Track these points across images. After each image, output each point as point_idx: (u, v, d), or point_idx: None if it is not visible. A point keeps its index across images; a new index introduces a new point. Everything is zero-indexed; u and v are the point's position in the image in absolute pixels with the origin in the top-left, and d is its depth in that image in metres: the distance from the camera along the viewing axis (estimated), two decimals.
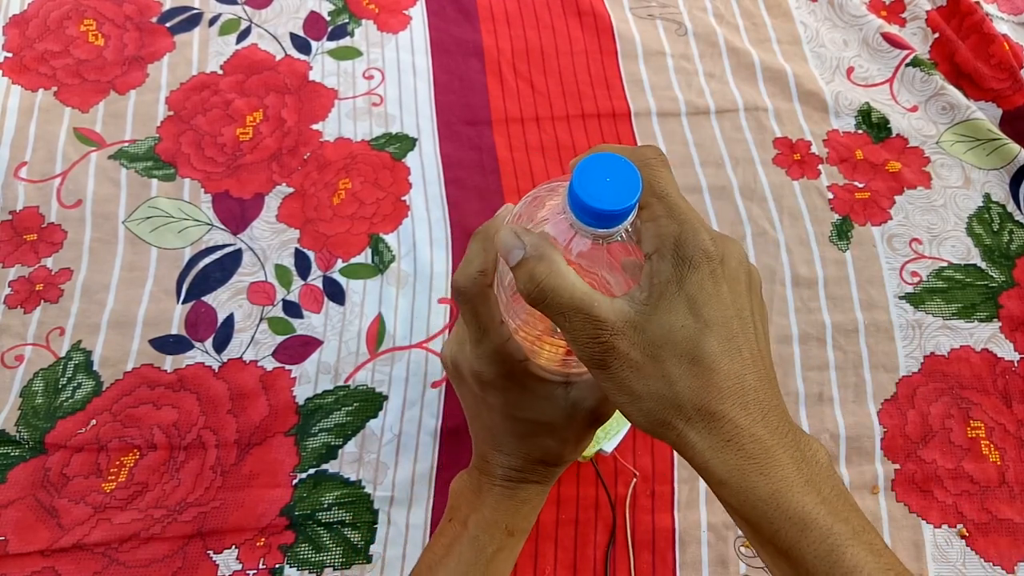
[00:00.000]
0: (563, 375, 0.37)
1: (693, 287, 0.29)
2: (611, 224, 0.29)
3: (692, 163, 0.63)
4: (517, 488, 0.39)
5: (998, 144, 0.63)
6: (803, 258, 0.59)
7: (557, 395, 0.37)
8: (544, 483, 0.40)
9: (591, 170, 0.29)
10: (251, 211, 0.61)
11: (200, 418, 0.52)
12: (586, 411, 0.37)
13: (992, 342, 0.56)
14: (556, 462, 0.39)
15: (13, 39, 0.68)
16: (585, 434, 0.39)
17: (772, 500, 0.28)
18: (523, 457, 0.39)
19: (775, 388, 0.30)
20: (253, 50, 0.68)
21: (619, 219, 0.29)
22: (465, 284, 0.35)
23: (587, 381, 0.37)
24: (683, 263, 0.29)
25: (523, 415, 0.37)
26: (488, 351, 0.36)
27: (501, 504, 0.39)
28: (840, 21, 0.72)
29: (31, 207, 0.60)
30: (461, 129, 0.65)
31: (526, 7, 0.72)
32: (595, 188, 0.29)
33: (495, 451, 0.39)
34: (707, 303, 0.29)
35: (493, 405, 0.38)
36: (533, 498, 0.40)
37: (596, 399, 0.37)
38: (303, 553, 0.49)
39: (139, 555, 0.48)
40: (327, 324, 0.56)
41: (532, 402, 0.37)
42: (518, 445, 0.39)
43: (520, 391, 0.37)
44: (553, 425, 0.37)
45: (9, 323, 0.56)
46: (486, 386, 0.37)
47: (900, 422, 0.53)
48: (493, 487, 0.39)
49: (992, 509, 0.50)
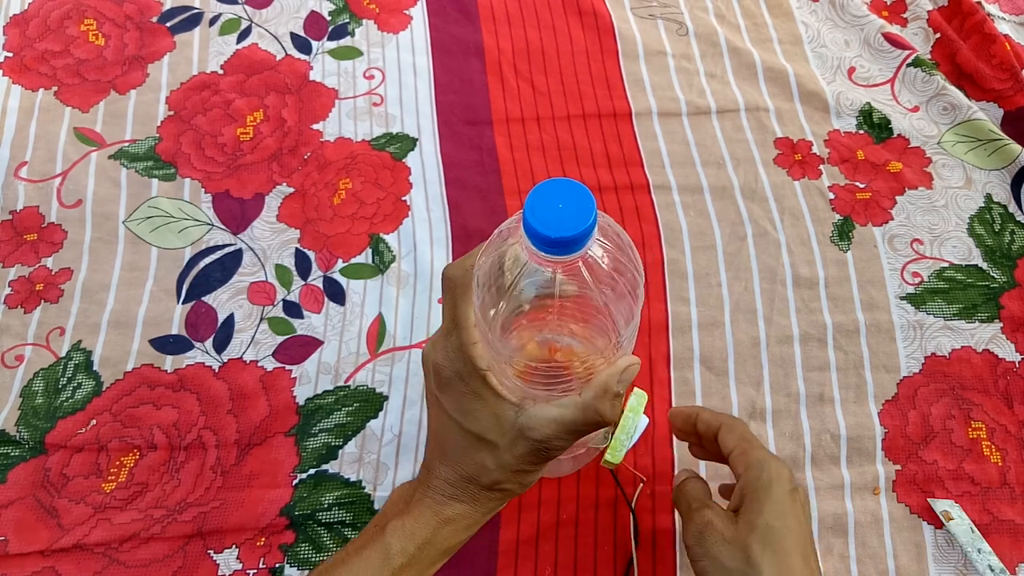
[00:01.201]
0: (518, 398, 0.36)
1: (782, 495, 0.39)
2: (568, 249, 0.29)
3: (693, 163, 0.63)
4: (445, 504, 0.38)
5: (999, 144, 0.63)
6: (804, 258, 0.59)
7: (506, 415, 0.36)
8: (474, 505, 0.38)
9: (543, 196, 0.28)
10: (251, 211, 0.60)
11: (200, 418, 0.52)
12: (530, 441, 0.36)
13: (993, 343, 0.56)
14: (490, 485, 0.38)
15: (13, 39, 0.68)
16: (525, 464, 0.37)
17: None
18: (459, 471, 0.38)
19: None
20: (253, 50, 0.68)
21: (574, 244, 0.28)
22: (453, 273, 0.36)
23: (539, 411, 0.36)
24: (772, 477, 0.39)
25: (469, 426, 0.37)
26: (454, 346, 0.36)
27: (423, 516, 0.38)
28: (841, 21, 0.72)
29: (31, 207, 0.60)
30: (462, 129, 0.65)
31: (527, 7, 0.72)
32: (546, 214, 0.28)
33: (438, 461, 0.39)
34: (792, 511, 0.38)
35: (444, 408, 0.37)
36: (458, 520, 0.38)
37: (543, 434, 0.36)
38: (303, 553, 0.49)
39: (139, 555, 0.48)
40: (327, 324, 0.56)
41: (480, 414, 0.36)
42: (458, 457, 0.38)
43: (472, 399, 0.36)
44: (495, 445, 0.37)
45: (9, 323, 0.56)
46: (443, 385, 0.37)
47: (901, 423, 0.53)
48: (424, 498, 0.38)
49: (993, 510, 0.50)
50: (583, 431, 0.36)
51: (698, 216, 0.61)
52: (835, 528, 0.50)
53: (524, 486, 0.39)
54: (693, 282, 0.58)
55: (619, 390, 0.35)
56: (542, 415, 0.36)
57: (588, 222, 0.28)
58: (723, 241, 0.60)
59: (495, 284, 0.34)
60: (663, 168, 0.63)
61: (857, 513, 0.50)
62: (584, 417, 0.35)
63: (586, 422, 0.35)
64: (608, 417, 0.35)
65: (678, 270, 0.59)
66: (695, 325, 0.56)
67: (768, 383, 0.54)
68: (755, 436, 0.43)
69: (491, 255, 0.34)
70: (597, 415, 0.35)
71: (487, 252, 0.34)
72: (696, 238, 0.60)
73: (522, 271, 0.32)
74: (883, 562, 0.49)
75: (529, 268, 0.31)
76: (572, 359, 0.38)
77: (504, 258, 0.33)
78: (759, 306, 0.57)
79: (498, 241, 0.34)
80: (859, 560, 0.49)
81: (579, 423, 0.35)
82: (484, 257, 0.34)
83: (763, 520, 0.38)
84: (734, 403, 0.54)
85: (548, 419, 0.36)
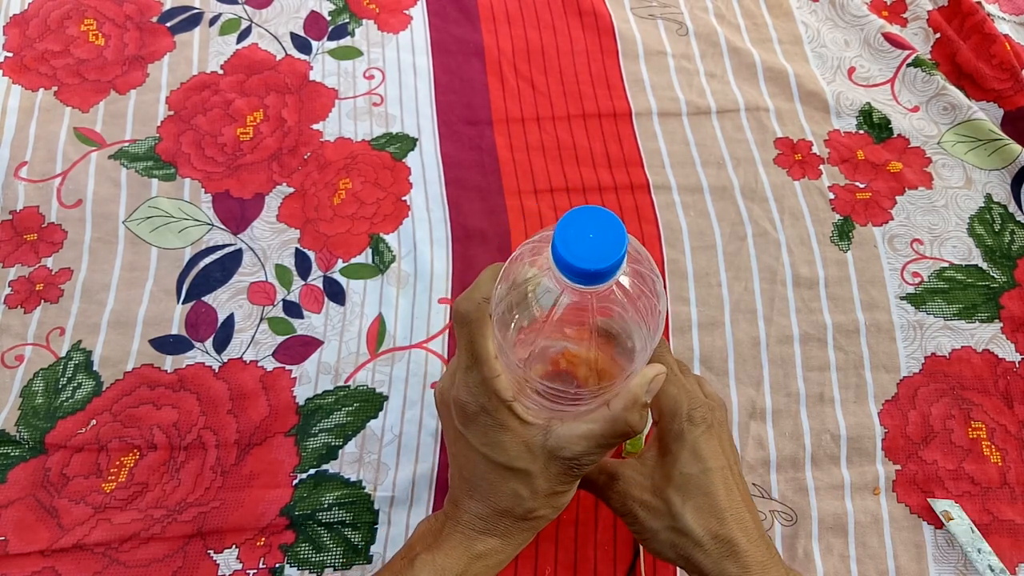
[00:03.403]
0: (544, 420, 0.36)
1: (694, 441, 0.39)
2: (602, 280, 0.29)
3: (693, 163, 0.63)
4: (476, 539, 0.37)
5: (999, 144, 0.63)
6: (804, 258, 0.59)
7: (535, 441, 0.36)
8: (506, 539, 0.38)
9: (573, 226, 0.29)
10: (251, 211, 0.60)
11: (200, 418, 0.52)
12: (561, 461, 0.36)
13: (993, 343, 0.56)
14: (524, 515, 0.37)
15: (13, 39, 0.68)
16: (559, 487, 0.37)
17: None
18: (491, 506, 0.37)
19: (759, 519, 0.40)
20: (253, 50, 0.68)
21: (609, 274, 0.29)
22: (467, 308, 0.35)
23: (568, 430, 0.36)
24: (683, 423, 0.39)
25: (498, 458, 0.36)
26: (476, 381, 0.35)
27: (454, 552, 0.37)
28: (841, 21, 0.72)
29: (31, 207, 0.60)
30: (462, 129, 0.65)
31: (527, 7, 0.72)
32: (578, 246, 0.28)
33: (466, 496, 0.38)
34: (706, 453, 0.39)
35: (471, 444, 0.37)
36: (490, 555, 0.38)
37: (574, 451, 0.36)
38: (303, 553, 0.49)
39: (139, 555, 0.48)
40: (327, 324, 0.56)
41: (509, 445, 0.36)
42: (488, 491, 0.37)
43: (499, 431, 0.36)
44: (527, 472, 0.36)
45: (9, 323, 0.56)
46: (468, 420, 0.36)
47: (901, 423, 0.53)
48: (454, 533, 0.38)
49: (993, 510, 0.50)
50: (613, 444, 0.36)
51: (698, 216, 0.61)
52: (835, 528, 0.50)
53: (557, 509, 0.39)
54: (693, 282, 0.58)
55: (647, 400, 0.35)
56: (572, 433, 0.36)
57: (620, 253, 0.28)
58: (723, 241, 0.60)
59: (521, 313, 0.34)
60: (663, 168, 0.63)
61: (857, 513, 0.50)
62: (614, 429, 0.35)
63: (616, 434, 0.35)
64: (637, 428, 0.35)
65: (678, 270, 0.59)
66: (695, 325, 0.56)
67: (768, 383, 0.54)
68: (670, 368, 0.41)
69: (511, 284, 0.34)
70: (627, 426, 0.35)
71: (505, 281, 0.34)
72: (696, 238, 0.60)
73: (557, 302, 0.32)
74: (883, 562, 0.49)
75: (563, 299, 0.32)
76: (600, 378, 0.37)
77: (527, 286, 0.33)
78: (759, 306, 0.57)
79: (516, 269, 0.34)
80: (859, 560, 0.49)
81: (609, 436, 0.35)
82: (503, 287, 0.34)
83: (678, 470, 0.39)
84: (734, 403, 0.54)
85: (578, 436, 0.35)
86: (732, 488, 0.39)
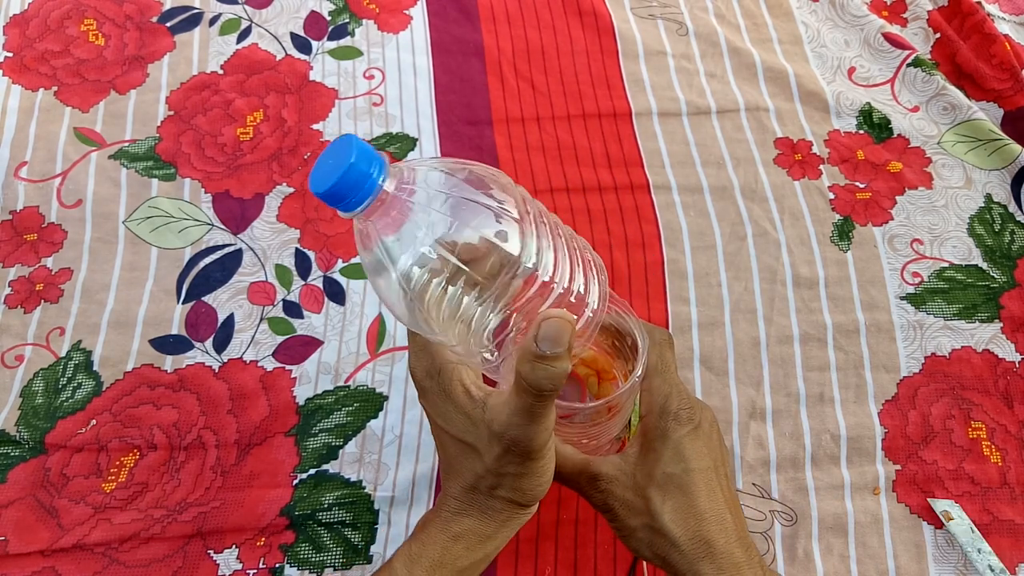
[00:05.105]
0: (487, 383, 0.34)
1: (678, 441, 0.38)
2: (348, 202, 0.29)
3: (693, 163, 0.63)
4: (453, 519, 0.36)
5: (999, 144, 0.63)
6: (804, 258, 0.59)
7: (476, 414, 0.34)
8: (484, 519, 0.36)
9: (321, 159, 0.29)
10: (251, 211, 0.60)
11: (200, 418, 0.52)
12: (496, 436, 0.33)
13: (993, 343, 0.56)
14: (488, 492, 0.36)
15: (13, 39, 0.68)
16: (506, 465, 0.34)
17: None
18: (460, 482, 0.36)
19: (743, 521, 0.39)
20: (253, 50, 0.68)
21: (348, 196, 0.29)
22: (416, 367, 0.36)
23: (495, 398, 0.33)
24: (670, 421, 0.38)
25: (452, 430, 0.35)
26: (420, 343, 0.35)
27: (432, 536, 0.36)
28: (841, 21, 0.72)
29: (31, 207, 0.60)
30: (462, 129, 0.65)
31: (527, 7, 0.72)
32: (319, 173, 0.29)
33: (445, 476, 0.37)
34: (690, 454, 0.38)
35: (432, 417, 0.36)
36: (468, 535, 0.36)
37: (502, 422, 0.33)
38: (303, 553, 0.49)
39: (139, 555, 0.48)
40: (327, 324, 0.56)
41: (455, 416, 0.34)
42: (455, 466, 0.36)
43: (445, 400, 0.35)
44: (475, 448, 0.34)
45: (9, 323, 0.56)
46: (422, 390, 0.36)
47: (901, 423, 0.53)
48: (435, 517, 0.37)
49: (993, 510, 0.50)
50: (529, 407, 0.32)
51: (698, 216, 0.61)
52: (835, 528, 0.50)
53: (527, 493, 0.36)
54: (693, 282, 0.58)
55: (542, 349, 0.30)
56: (497, 402, 0.33)
57: (344, 167, 0.28)
58: (723, 241, 0.60)
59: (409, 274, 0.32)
60: (663, 168, 0.63)
61: (857, 513, 0.50)
62: (519, 388, 0.31)
63: (522, 393, 0.31)
64: (535, 381, 0.30)
65: (678, 270, 0.59)
66: (695, 325, 0.56)
67: (768, 383, 0.54)
68: (666, 366, 0.40)
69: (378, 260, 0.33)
70: (522, 379, 0.31)
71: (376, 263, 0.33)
72: (696, 238, 0.60)
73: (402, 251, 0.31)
74: (883, 562, 0.49)
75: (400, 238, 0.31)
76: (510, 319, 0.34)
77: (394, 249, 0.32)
78: (759, 306, 0.57)
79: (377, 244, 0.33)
80: (859, 560, 0.49)
81: (520, 397, 0.31)
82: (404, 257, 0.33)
83: (660, 469, 0.38)
84: (734, 403, 0.54)
85: (501, 404, 0.33)
86: (715, 490, 0.38)
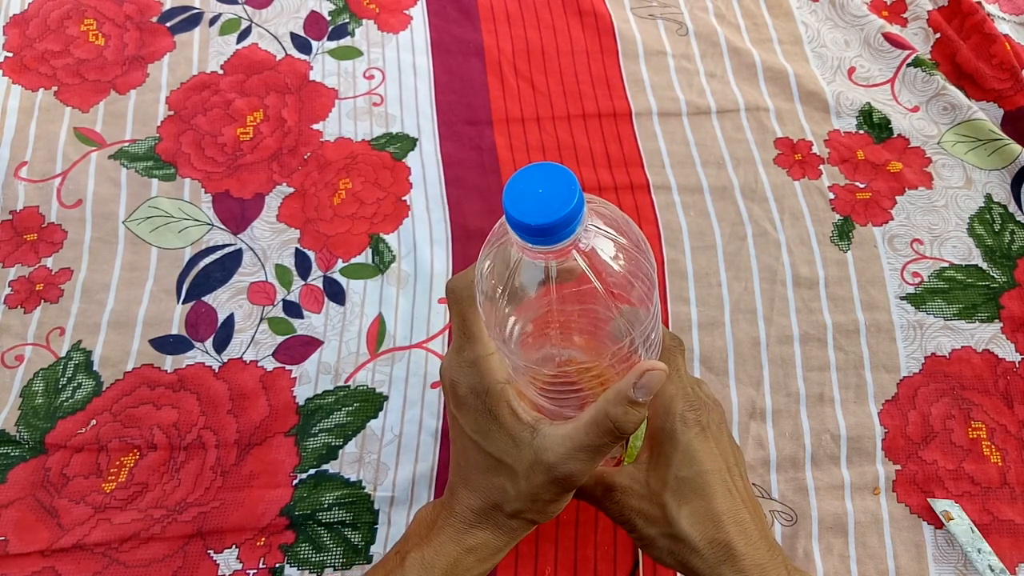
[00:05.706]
0: (536, 410, 0.34)
1: (688, 443, 0.37)
2: (554, 237, 0.26)
3: (693, 163, 0.63)
4: (468, 531, 0.36)
5: (999, 144, 0.63)
6: (804, 258, 0.59)
7: (522, 437, 0.34)
8: (499, 533, 0.36)
9: (523, 182, 0.26)
10: (251, 211, 0.60)
11: (200, 418, 0.52)
12: (545, 466, 0.33)
13: (993, 343, 0.56)
14: (512, 514, 0.36)
15: (13, 39, 0.68)
16: (545, 493, 0.34)
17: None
18: (483, 498, 0.36)
19: (764, 520, 0.38)
20: (253, 50, 0.68)
21: (559, 229, 0.26)
22: (457, 284, 0.35)
23: (553, 430, 0.34)
24: (676, 423, 0.37)
25: (488, 447, 0.35)
26: (469, 360, 0.34)
27: (445, 546, 0.36)
28: (841, 21, 0.72)
29: (31, 207, 0.60)
30: (462, 129, 0.65)
31: (527, 7, 0.72)
32: (526, 202, 0.26)
33: (461, 485, 0.37)
34: (701, 456, 0.37)
35: (463, 428, 0.36)
36: (481, 548, 0.36)
37: (558, 454, 0.33)
38: (303, 553, 0.49)
39: (139, 555, 0.48)
40: (327, 324, 0.56)
41: (498, 435, 0.34)
42: (481, 481, 0.36)
43: (488, 419, 0.34)
44: (513, 470, 0.34)
45: (9, 323, 0.56)
46: (459, 402, 0.35)
47: (901, 423, 0.53)
48: (446, 525, 0.36)
49: (993, 510, 0.50)
50: (599, 446, 0.33)
51: (698, 216, 0.61)
52: (835, 528, 0.50)
53: (549, 515, 0.37)
54: (693, 282, 0.58)
55: (636, 396, 0.32)
56: (556, 433, 0.33)
57: (570, 206, 0.26)
58: (723, 241, 0.60)
59: (498, 287, 0.31)
60: (663, 168, 0.63)
61: (857, 513, 0.50)
62: (597, 427, 0.32)
63: (600, 433, 0.32)
64: (622, 424, 0.32)
65: (678, 270, 0.59)
66: (695, 325, 0.56)
67: (768, 383, 0.54)
68: (675, 369, 0.39)
69: (488, 258, 0.32)
70: (610, 422, 0.32)
71: (484, 256, 0.32)
72: (696, 238, 0.60)
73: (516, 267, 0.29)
74: (883, 562, 0.49)
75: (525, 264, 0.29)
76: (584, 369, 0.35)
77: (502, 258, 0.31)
78: (759, 306, 0.57)
79: (493, 241, 0.32)
80: (859, 560, 0.49)
81: (593, 436, 0.32)
82: (481, 261, 0.32)
83: (672, 473, 0.37)
84: (734, 403, 0.54)
85: (561, 436, 0.33)
86: (731, 490, 0.37)
